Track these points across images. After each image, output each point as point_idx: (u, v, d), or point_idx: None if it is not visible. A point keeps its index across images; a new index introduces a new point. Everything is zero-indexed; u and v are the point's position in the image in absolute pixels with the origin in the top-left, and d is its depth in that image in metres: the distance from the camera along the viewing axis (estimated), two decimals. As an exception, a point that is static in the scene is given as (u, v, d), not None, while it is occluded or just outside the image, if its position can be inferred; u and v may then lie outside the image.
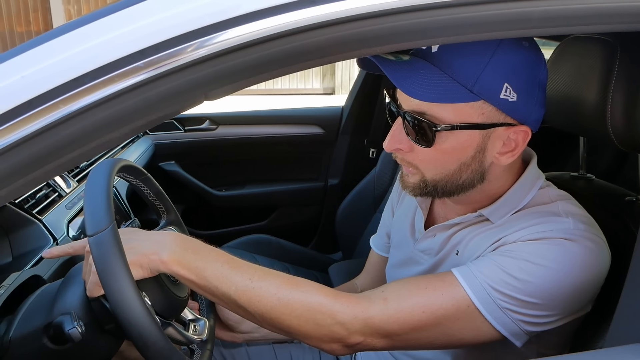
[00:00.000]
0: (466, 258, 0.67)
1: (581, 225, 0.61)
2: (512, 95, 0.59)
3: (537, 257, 0.59)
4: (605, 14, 0.50)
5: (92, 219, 0.61)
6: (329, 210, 1.89)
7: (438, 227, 0.73)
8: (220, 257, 0.60)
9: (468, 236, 0.69)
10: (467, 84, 0.58)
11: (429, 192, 0.65)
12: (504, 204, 0.66)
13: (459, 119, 0.59)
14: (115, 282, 0.58)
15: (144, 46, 0.38)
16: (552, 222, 0.61)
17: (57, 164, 0.39)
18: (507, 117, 0.61)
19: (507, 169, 0.66)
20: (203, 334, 0.75)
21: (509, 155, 0.63)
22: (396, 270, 0.83)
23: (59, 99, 0.37)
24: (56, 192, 1.06)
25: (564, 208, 0.64)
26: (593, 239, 0.61)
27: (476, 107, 0.59)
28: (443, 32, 0.47)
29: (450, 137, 0.60)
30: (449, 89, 0.58)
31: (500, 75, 0.58)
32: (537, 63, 0.61)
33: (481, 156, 0.62)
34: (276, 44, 0.43)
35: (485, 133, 0.61)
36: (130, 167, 0.77)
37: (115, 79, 0.38)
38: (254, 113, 1.95)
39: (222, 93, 0.43)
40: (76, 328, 0.62)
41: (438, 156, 0.62)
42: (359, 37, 0.45)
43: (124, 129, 0.41)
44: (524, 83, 0.59)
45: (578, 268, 0.59)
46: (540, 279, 0.59)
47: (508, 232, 0.63)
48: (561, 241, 0.59)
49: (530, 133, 0.63)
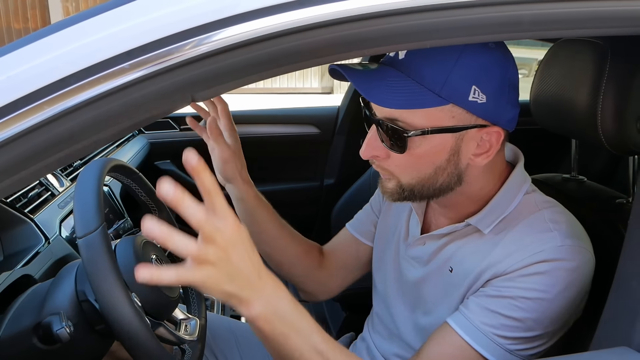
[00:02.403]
0: (461, 277, 0.68)
1: (567, 240, 0.62)
2: (481, 97, 0.59)
3: (531, 291, 0.61)
4: (595, 17, 0.50)
5: (82, 221, 0.61)
6: (324, 210, 1.89)
7: (429, 236, 0.74)
8: (307, 327, 0.56)
9: (460, 252, 0.69)
10: (434, 88, 0.58)
11: (407, 197, 0.66)
12: (491, 211, 0.67)
13: (430, 124, 0.60)
14: (104, 283, 0.58)
15: (130, 47, 0.38)
16: (540, 241, 0.62)
17: (43, 164, 0.39)
18: (478, 118, 0.61)
19: (487, 171, 0.67)
20: (194, 334, 0.75)
21: (484, 156, 0.63)
22: (389, 273, 0.82)
23: (44, 99, 0.37)
24: (49, 191, 1.06)
25: (550, 217, 0.65)
26: (580, 252, 0.63)
27: (446, 111, 0.60)
28: (433, 35, 0.47)
29: (424, 141, 0.61)
30: (417, 94, 0.58)
31: (468, 78, 0.58)
32: (504, 63, 0.61)
33: (456, 159, 0.63)
34: (265, 46, 0.43)
35: (458, 136, 0.61)
36: (121, 166, 0.77)
37: (101, 80, 0.38)
38: (249, 112, 1.95)
39: (209, 94, 0.43)
40: (64, 328, 0.62)
41: (413, 161, 0.63)
42: (350, 39, 0.45)
43: (111, 130, 0.41)
44: (492, 84, 0.60)
45: (570, 288, 0.62)
46: (538, 312, 0.61)
47: (498, 256, 0.64)
48: (550, 265, 0.61)
49: (503, 134, 0.63)
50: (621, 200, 0.78)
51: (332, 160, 1.91)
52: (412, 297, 0.77)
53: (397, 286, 0.80)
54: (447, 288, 0.71)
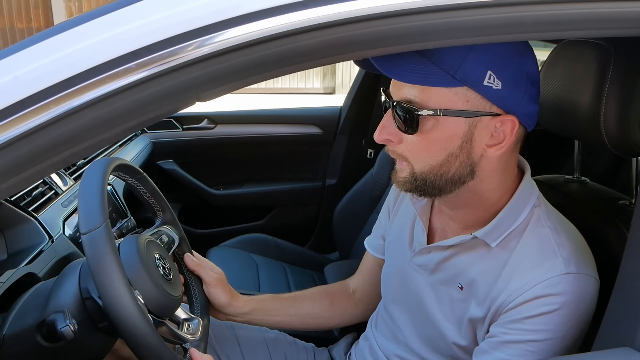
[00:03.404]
0: (471, 297, 0.68)
1: (572, 266, 0.62)
2: (497, 82, 0.59)
3: (541, 332, 0.61)
4: (597, 19, 0.50)
5: (86, 217, 0.62)
6: (326, 210, 1.89)
7: (434, 247, 0.73)
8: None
9: (469, 269, 0.69)
10: (449, 70, 0.58)
11: (419, 187, 0.65)
12: (499, 224, 0.66)
13: (444, 105, 0.60)
14: (107, 280, 0.59)
15: (136, 47, 0.39)
16: (544, 269, 0.62)
17: (49, 163, 0.40)
18: (492, 106, 0.60)
19: (500, 169, 0.66)
20: (197, 333, 0.76)
21: (497, 147, 0.62)
22: (392, 281, 0.83)
23: (50, 99, 0.37)
24: (52, 190, 1.06)
25: (555, 238, 0.64)
26: (584, 280, 0.62)
27: (460, 95, 0.60)
28: (436, 36, 0.47)
29: (436, 124, 0.61)
30: (433, 73, 0.59)
31: (484, 62, 0.58)
32: (523, 54, 0.61)
33: (469, 147, 0.62)
34: (268, 47, 0.43)
35: (472, 122, 0.61)
36: (126, 166, 0.77)
37: (106, 80, 0.38)
38: (252, 112, 1.95)
39: (214, 94, 0.44)
40: (69, 326, 0.62)
41: (425, 145, 0.62)
42: (352, 40, 0.46)
43: (116, 130, 0.41)
44: (509, 72, 0.59)
45: (578, 322, 0.62)
46: (550, 351, 0.62)
47: (506, 281, 0.64)
48: (556, 303, 0.61)
49: (518, 123, 0.62)
50: (624, 202, 0.78)
51: (334, 161, 1.91)
52: (416, 305, 0.77)
53: (402, 293, 0.80)
54: (455, 304, 0.70)
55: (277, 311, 0.91)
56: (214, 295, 0.85)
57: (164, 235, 0.83)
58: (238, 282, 1.34)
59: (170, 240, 0.84)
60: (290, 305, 0.92)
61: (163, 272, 0.71)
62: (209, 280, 0.85)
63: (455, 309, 0.70)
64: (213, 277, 0.85)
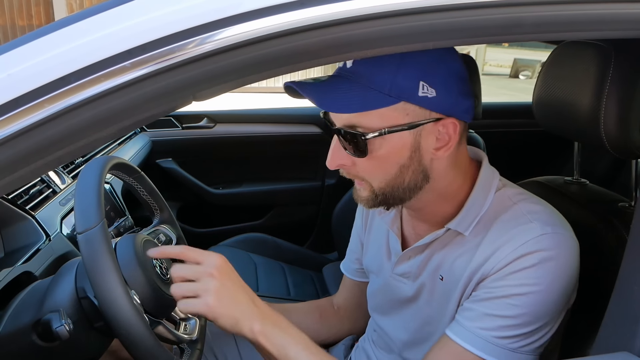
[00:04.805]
0: (453, 283, 0.69)
1: (548, 227, 0.63)
2: (431, 91, 0.60)
3: (523, 286, 0.62)
4: (598, 20, 0.49)
5: (82, 217, 0.61)
6: (325, 210, 1.89)
7: (412, 250, 0.74)
8: (300, 338, 0.67)
9: (447, 258, 0.70)
10: (383, 89, 0.60)
11: (382, 202, 0.67)
12: (468, 212, 0.68)
13: (386, 124, 0.61)
14: (103, 280, 0.58)
15: (132, 46, 0.38)
16: (521, 234, 0.63)
17: (43, 162, 0.39)
18: (432, 112, 0.62)
19: (451, 165, 0.67)
20: (193, 334, 0.75)
21: (444, 149, 0.64)
22: (378, 296, 0.83)
23: (45, 97, 0.37)
24: (50, 188, 1.06)
25: (526, 209, 0.66)
26: (562, 239, 0.63)
27: (399, 110, 0.61)
28: (434, 37, 0.47)
29: (383, 143, 0.62)
30: (369, 97, 0.60)
31: (414, 75, 0.60)
32: (447, 56, 0.62)
33: (418, 155, 0.64)
34: (266, 46, 0.43)
35: (416, 132, 0.62)
36: (123, 164, 0.77)
37: (101, 79, 0.38)
38: (252, 111, 1.94)
39: (211, 94, 0.43)
40: (64, 326, 0.62)
41: (377, 164, 0.64)
42: (351, 40, 0.45)
43: (111, 129, 0.40)
44: (439, 77, 0.61)
45: (560, 276, 0.62)
46: (533, 306, 0.62)
47: (484, 255, 0.65)
48: (536, 258, 0.62)
49: (459, 124, 0.64)
50: (623, 204, 0.77)
51: (333, 160, 1.90)
52: (407, 314, 0.77)
53: (390, 306, 0.80)
54: (441, 297, 0.71)
55: None
56: None
57: (161, 235, 0.83)
58: (236, 281, 1.33)
59: (167, 239, 0.84)
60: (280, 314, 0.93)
61: (160, 272, 0.71)
62: None
63: (442, 301, 0.71)
64: None
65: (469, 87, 0.65)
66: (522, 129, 1.71)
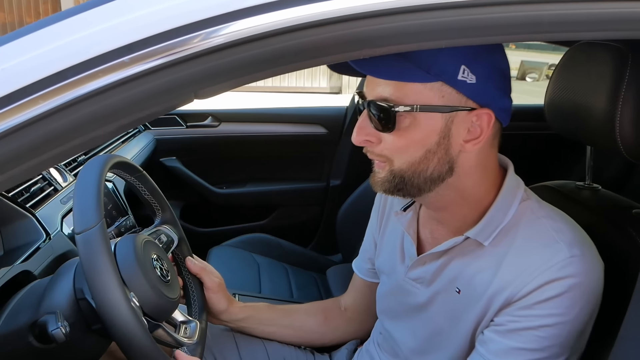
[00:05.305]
0: (470, 298, 0.66)
1: (575, 249, 0.61)
2: (471, 77, 0.59)
3: (551, 317, 0.60)
4: (618, 19, 0.47)
5: (81, 217, 0.60)
6: (330, 211, 1.87)
7: (428, 256, 0.72)
8: None
9: (466, 271, 0.67)
10: (424, 65, 0.58)
11: (398, 185, 0.64)
12: (490, 221, 0.65)
13: (420, 101, 0.60)
14: (100, 281, 0.57)
15: (131, 41, 0.37)
16: (548, 255, 0.61)
17: (37, 161, 0.38)
18: (468, 100, 0.60)
19: (479, 165, 0.65)
20: (194, 337, 0.74)
21: (474, 142, 0.62)
22: (388, 299, 0.81)
23: (39, 93, 0.35)
24: (52, 186, 1.05)
25: (552, 226, 0.63)
26: (589, 261, 0.61)
27: (435, 90, 0.59)
28: (449, 35, 0.45)
29: (413, 121, 0.60)
30: (407, 69, 0.58)
31: (457, 57, 0.58)
32: (493, 50, 0.61)
33: (446, 142, 0.61)
34: (271, 42, 0.41)
35: (448, 117, 0.60)
36: (125, 163, 0.75)
37: (99, 75, 0.36)
38: (257, 111, 1.93)
39: (213, 92, 0.41)
40: (60, 329, 0.60)
41: (403, 142, 0.61)
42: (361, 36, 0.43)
43: (109, 127, 0.39)
44: (481, 66, 0.60)
45: (587, 303, 0.60)
46: (561, 337, 0.60)
47: (507, 275, 0.63)
48: (564, 285, 0.59)
49: (494, 116, 0.61)
50: (637, 211, 0.75)
51: (338, 161, 1.89)
52: (417, 322, 0.75)
53: (400, 311, 0.78)
54: (455, 310, 0.69)
55: (271, 321, 0.91)
56: (214, 301, 0.84)
57: (162, 235, 0.82)
58: (239, 282, 1.32)
59: (169, 240, 0.83)
60: (285, 316, 0.92)
61: (160, 274, 0.70)
62: (211, 285, 0.84)
63: (456, 314, 0.68)
64: (215, 282, 0.84)
65: (509, 87, 0.63)
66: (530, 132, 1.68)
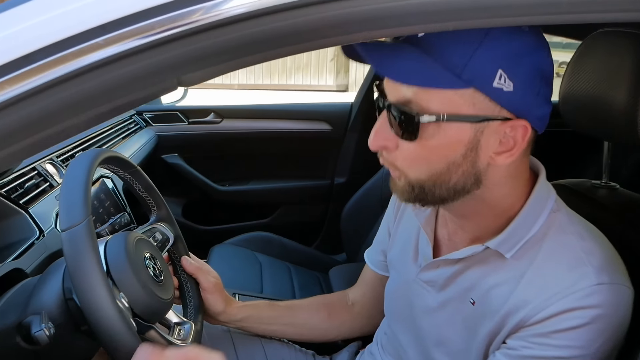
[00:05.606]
0: (487, 313, 0.61)
1: (604, 276, 0.54)
2: (508, 84, 0.51)
3: (567, 349, 0.54)
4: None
5: (66, 213, 0.57)
6: (334, 210, 1.84)
7: (443, 261, 0.66)
8: None
9: (482, 282, 0.62)
10: (455, 68, 0.50)
11: (418, 196, 0.58)
12: (514, 232, 0.59)
13: (447, 109, 0.52)
14: (85, 281, 0.54)
15: (105, 20, 0.33)
16: (573, 278, 0.55)
17: (7, 152, 0.35)
18: (502, 109, 0.53)
19: (510, 176, 0.58)
20: (188, 339, 0.71)
21: (506, 155, 0.55)
22: (396, 298, 0.77)
23: (4, 78, 0.32)
24: (47, 182, 1.03)
25: (581, 245, 0.57)
26: (618, 291, 0.55)
27: (466, 97, 0.52)
28: (459, 15, 0.41)
29: (438, 130, 0.53)
30: (435, 73, 0.50)
31: (494, 60, 0.51)
32: (538, 49, 0.53)
33: (474, 155, 0.54)
34: (263, 22, 0.37)
35: (478, 128, 0.53)
36: (117, 158, 0.73)
37: (70, 57, 0.33)
38: (260, 107, 1.90)
39: (199, 77, 0.38)
40: (43, 330, 0.57)
41: (423, 154, 0.54)
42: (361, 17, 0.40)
43: (86, 115, 0.36)
44: (522, 71, 0.52)
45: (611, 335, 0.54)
46: None
47: (526, 292, 0.57)
48: (587, 316, 0.53)
49: (530, 128, 0.54)
50: (658, 211, 0.71)
51: (343, 159, 1.86)
52: (424, 327, 0.71)
53: (408, 312, 0.74)
54: (467, 321, 0.64)
55: (272, 319, 0.87)
56: (211, 302, 0.81)
57: (157, 233, 0.79)
58: (240, 281, 1.29)
59: (164, 238, 0.80)
60: (286, 314, 0.88)
61: (153, 273, 0.67)
62: (207, 286, 0.80)
63: (468, 326, 0.64)
64: (211, 282, 0.81)
65: (551, 92, 0.56)
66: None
